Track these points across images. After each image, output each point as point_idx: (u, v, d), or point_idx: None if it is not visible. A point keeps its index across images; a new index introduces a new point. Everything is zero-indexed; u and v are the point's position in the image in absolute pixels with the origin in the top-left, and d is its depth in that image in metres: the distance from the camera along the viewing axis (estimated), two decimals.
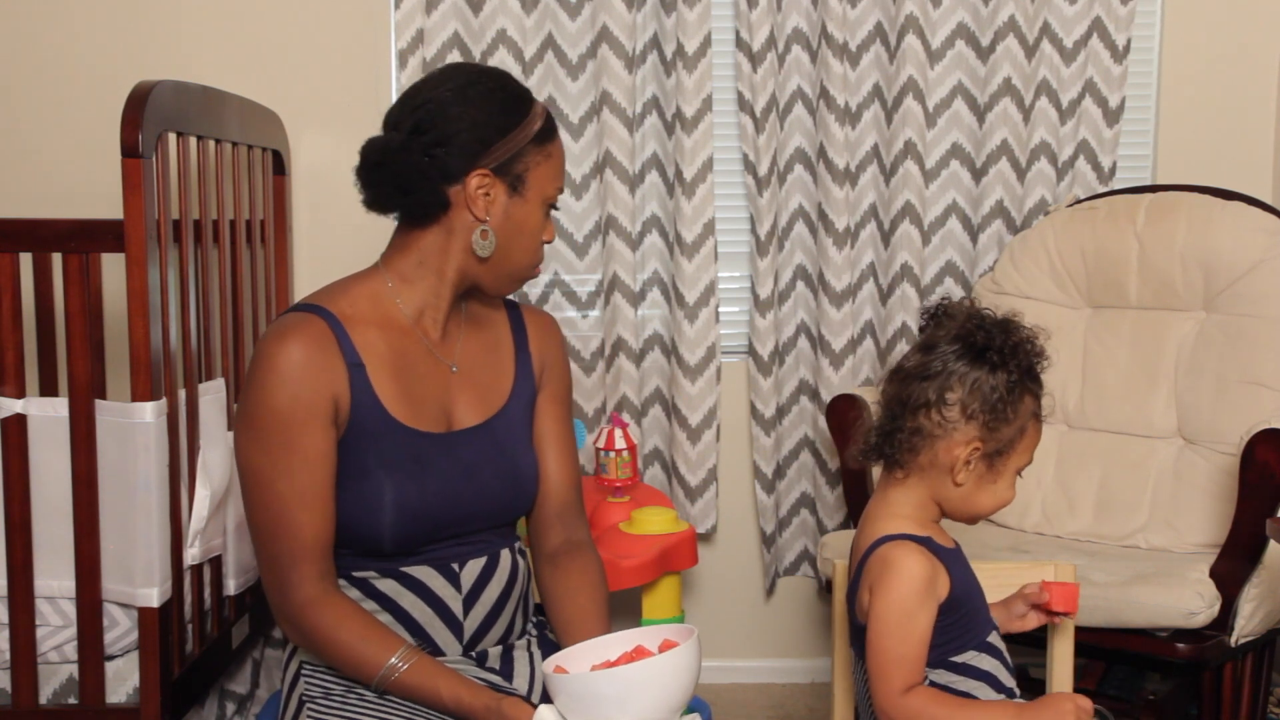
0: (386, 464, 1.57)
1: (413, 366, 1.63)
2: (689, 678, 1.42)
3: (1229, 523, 2.28)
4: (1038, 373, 1.55)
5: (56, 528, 2.02)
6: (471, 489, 1.63)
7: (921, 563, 1.50)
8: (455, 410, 1.66)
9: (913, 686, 1.49)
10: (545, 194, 1.65)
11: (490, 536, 1.67)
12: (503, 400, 1.71)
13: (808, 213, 3.03)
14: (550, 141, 1.66)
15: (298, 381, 1.53)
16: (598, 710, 1.39)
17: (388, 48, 2.97)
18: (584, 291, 3.04)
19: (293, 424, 1.53)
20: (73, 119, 2.93)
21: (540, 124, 1.64)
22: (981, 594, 1.60)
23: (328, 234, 2.92)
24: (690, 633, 1.45)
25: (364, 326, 1.61)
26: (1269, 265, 2.55)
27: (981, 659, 1.55)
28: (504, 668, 1.65)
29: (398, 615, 1.60)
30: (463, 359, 1.69)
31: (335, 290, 1.65)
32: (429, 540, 1.61)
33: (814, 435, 3.06)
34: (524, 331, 1.78)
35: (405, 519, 1.57)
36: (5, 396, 2.01)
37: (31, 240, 2.04)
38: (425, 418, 1.62)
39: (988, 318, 1.54)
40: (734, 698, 3.06)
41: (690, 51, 2.87)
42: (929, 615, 1.50)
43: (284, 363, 1.54)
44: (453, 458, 1.62)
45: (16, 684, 2.02)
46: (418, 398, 1.62)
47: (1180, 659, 2.21)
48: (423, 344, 1.65)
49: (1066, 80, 2.96)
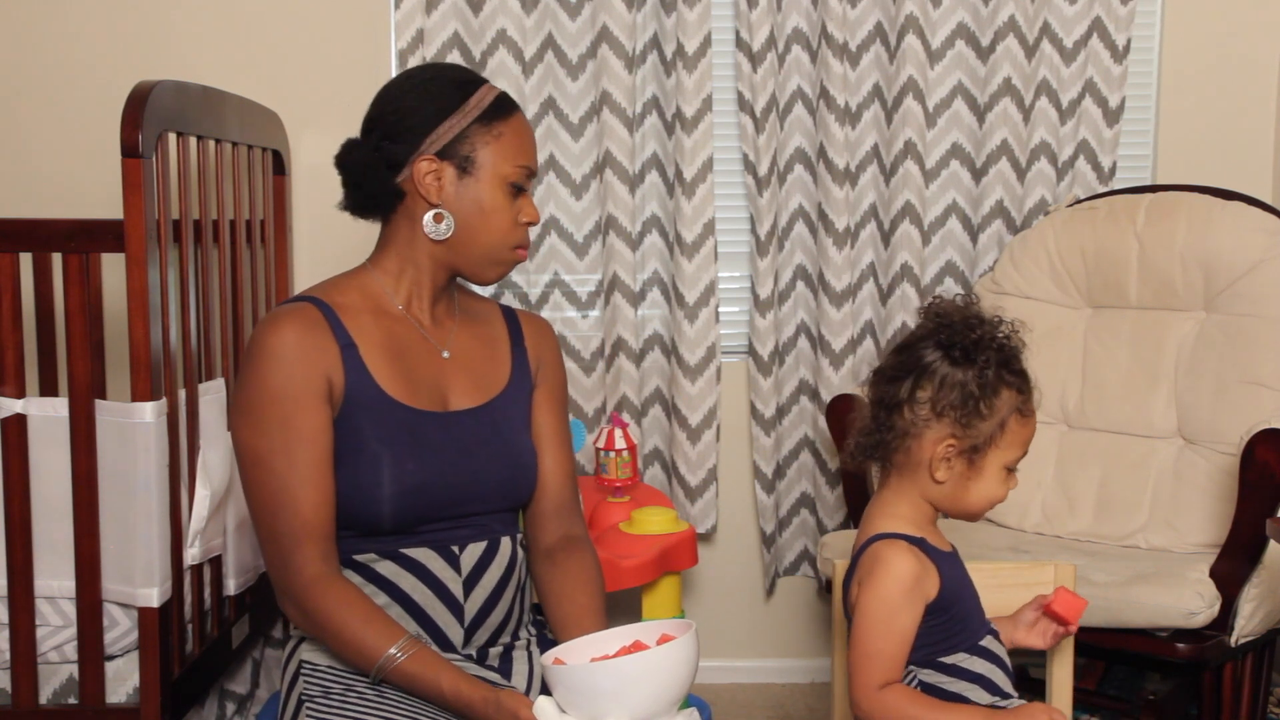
0: (383, 439, 1.60)
1: (406, 349, 1.67)
2: (686, 671, 1.43)
3: (1229, 523, 2.28)
4: (1018, 366, 1.54)
5: (56, 528, 2.02)
6: (470, 467, 1.65)
7: (909, 561, 1.51)
8: (451, 393, 1.69)
9: (891, 683, 1.50)
10: (501, 173, 1.66)
11: (490, 522, 1.68)
12: (499, 388, 1.74)
13: (808, 213, 3.03)
14: (499, 120, 1.66)
15: (291, 361, 1.57)
16: (595, 702, 1.39)
17: (388, 48, 2.97)
18: (584, 291, 3.04)
19: (288, 402, 1.56)
20: (73, 119, 2.94)
21: (487, 104, 1.66)
22: (975, 598, 1.60)
23: (328, 234, 2.92)
24: (688, 627, 1.46)
25: (355, 313, 1.65)
26: (1269, 265, 2.55)
27: (974, 661, 1.55)
28: (503, 666, 1.65)
29: (398, 598, 1.61)
30: (456, 347, 1.72)
31: (325, 284, 1.70)
32: (428, 518, 1.62)
33: (814, 435, 3.06)
34: (519, 330, 1.80)
35: (404, 493, 1.59)
36: (5, 396, 2.01)
37: (31, 240, 2.04)
38: (421, 396, 1.65)
39: (956, 314, 1.54)
40: (734, 698, 3.06)
41: (690, 51, 2.87)
42: (913, 614, 1.51)
43: (277, 344, 1.57)
44: (450, 436, 1.65)
45: (16, 684, 2.02)
46: (413, 378, 1.65)
47: (1180, 659, 2.21)
48: (415, 329, 1.69)
49: (1066, 80, 2.96)
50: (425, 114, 1.64)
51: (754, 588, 3.17)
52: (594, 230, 3.00)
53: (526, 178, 1.68)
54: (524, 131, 1.69)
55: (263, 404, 1.57)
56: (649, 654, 1.42)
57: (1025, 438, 1.55)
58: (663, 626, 1.51)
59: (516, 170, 1.67)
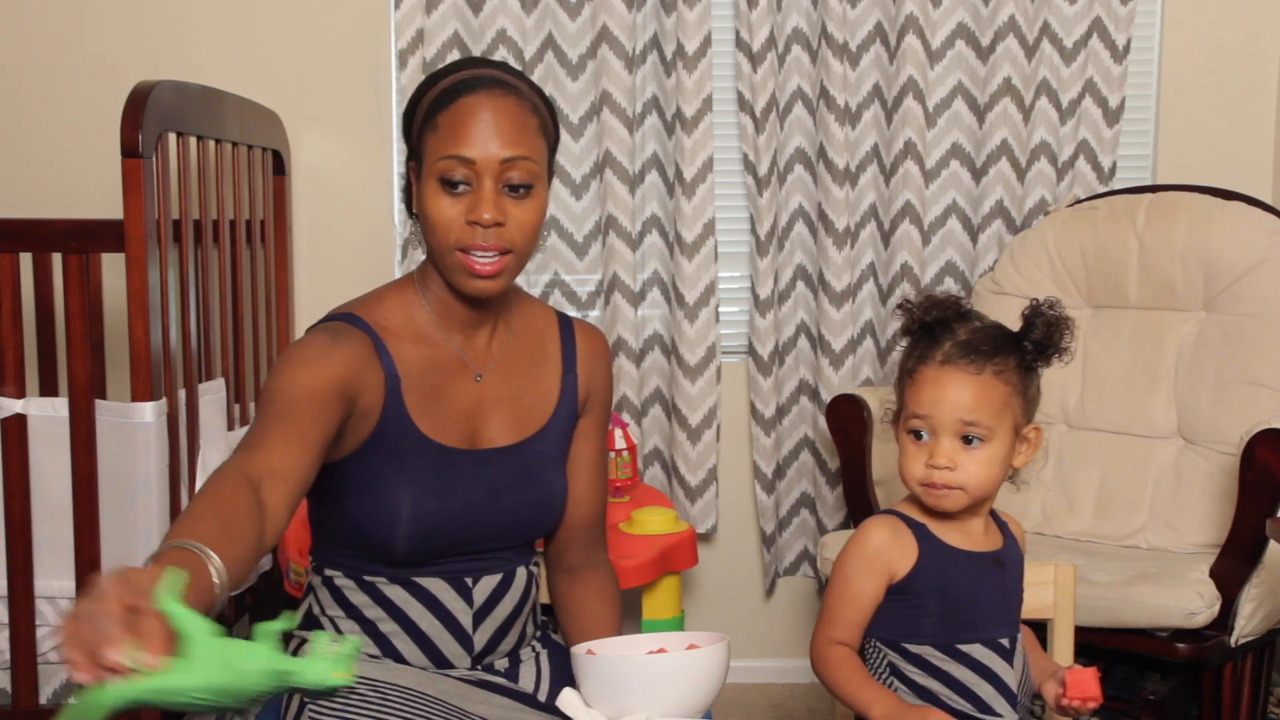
0: (407, 477, 1.51)
1: (442, 381, 1.56)
2: (716, 680, 1.44)
3: (1229, 523, 2.28)
4: (936, 331, 1.56)
5: (56, 528, 2.02)
6: (494, 509, 1.57)
7: (876, 532, 1.56)
8: (485, 428, 1.59)
9: (842, 644, 1.55)
10: (432, 168, 1.47)
11: (508, 554, 1.61)
12: (539, 424, 1.62)
13: (808, 213, 3.03)
14: (440, 110, 1.48)
15: (324, 366, 1.43)
16: (623, 698, 1.39)
17: (388, 48, 2.97)
18: (584, 291, 3.04)
19: (303, 394, 1.41)
20: (73, 119, 2.93)
21: (434, 95, 1.50)
22: (972, 602, 1.57)
23: (328, 234, 2.92)
24: (720, 639, 1.46)
25: (398, 339, 1.54)
26: (1269, 265, 2.55)
27: (949, 663, 1.55)
28: (510, 672, 1.63)
29: (404, 624, 1.56)
30: (498, 372, 1.61)
31: (370, 301, 1.57)
32: (444, 554, 1.56)
33: (814, 435, 3.07)
34: (573, 350, 1.67)
35: (421, 532, 1.52)
36: (5, 396, 2.02)
37: (31, 240, 2.04)
38: (450, 432, 1.55)
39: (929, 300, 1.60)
40: (734, 698, 3.06)
41: (690, 51, 2.87)
42: (869, 583, 1.55)
43: (313, 351, 1.44)
44: (478, 476, 1.56)
45: (16, 684, 2.02)
46: (445, 412, 1.56)
47: (1180, 659, 2.21)
48: (454, 355, 1.58)
49: (1066, 80, 2.96)
50: (406, 116, 1.55)
51: (754, 588, 3.17)
52: (594, 230, 3.00)
53: (461, 168, 1.45)
54: (468, 115, 1.46)
55: (277, 392, 1.41)
56: (683, 655, 1.43)
57: (920, 397, 1.54)
58: (690, 636, 1.51)
59: (445, 163, 1.45)
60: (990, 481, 1.55)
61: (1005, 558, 1.61)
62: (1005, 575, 1.60)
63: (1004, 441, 1.54)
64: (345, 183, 2.91)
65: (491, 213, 1.45)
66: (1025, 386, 1.56)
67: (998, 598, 1.59)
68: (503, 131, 1.46)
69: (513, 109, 1.48)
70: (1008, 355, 1.54)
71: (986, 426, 1.52)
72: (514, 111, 1.48)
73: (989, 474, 1.54)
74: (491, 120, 1.46)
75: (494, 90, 1.48)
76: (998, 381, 1.53)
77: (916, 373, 1.55)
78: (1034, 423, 1.58)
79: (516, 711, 1.57)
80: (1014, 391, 1.54)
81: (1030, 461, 1.60)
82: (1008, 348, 1.55)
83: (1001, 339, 1.56)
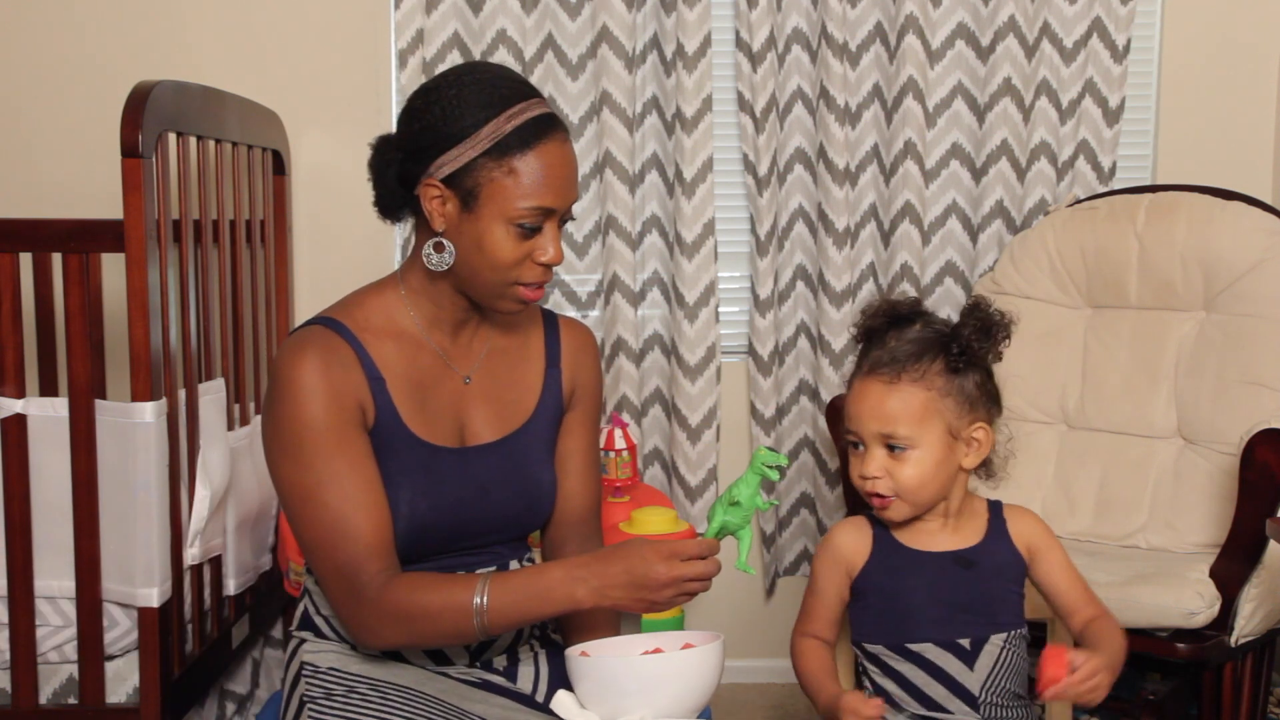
0: (399, 477, 1.54)
1: (427, 380, 1.59)
2: (711, 680, 1.44)
3: (1229, 523, 2.28)
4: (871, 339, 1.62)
5: (56, 528, 2.02)
6: (484, 505, 1.59)
7: (842, 532, 1.66)
8: (470, 425, 1.62)
9: (814, 636, 1.66)
10: (506, 214, 1.47)
11: (500, 549, 1.64)
12: (523, 418, 1.65)
13: (808, 213, 3.03)
14: (515, 153, 1.47)
15: (324, 391, 1.48)
16: (618, 699, 1.39)
17: (388, 48, 2.97)
18: (584, 291, 3.04)
19: (328, 433, 1.48)
20: (73, 119, 2.93)
21: (504, 133, 1.47)
22: (924, 603, 1.58)
23: (328, 234, 2.92)
24: (715, 637, 1.46)
25: (379, 340, 1.56)
26: (1269, 265, 2.55)
27: (900, 662, 1.59)
28: (509, 670, 1.64)
29: None
30: (481, 371, 1.63)
31: (350, 303, 1.59)
32: (438, 551, 1.58)
33: (814, 435, 3.06)
34: (557, 346, 1.69)
35: (414, 530, 1.54)
36: (5, 396, 2.02)
37: (31, 240, 2.04)
38: (439, 431, 1.58)
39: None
40: (734, 698, 3.06)
41: (690, 51, 2.87)
42: (832, 578, 1.65)
43: (307, 374, 1.48)
44: (466, 473, 1.58)
45: (16, 684, 2.02)
46: (432, 411, 1.58)
47: (1180, 659, 2.21)
48: (436, 356, 1.60)
49: (1066, 80, 2.96)
50: (439, 135, 1.48)
51: (754, 588, 3.17)
52: (594, 230, 3.00)
53: (541, 217, 1.49)
54: (548, 165, 1.48)
55: (301, 437, 1.48)
56: (677, 656, 1.43)
57: (849, 409, 1.60)
58: (685, 636, 1.52)
59: (527, 213, 1.47)
60: (924, 487, 1.56)
61: (976, 556, 1.60)
62: (974, 574, 1.59)
63: (932, 447, 1.55)
64: (345, 183, 2.90)
65: (561, 256, 1.52)
66: (955, 389, 1.56)
67: (958, 597, 1.58)
68: (572, 178, 1.53)
69: (572, 152, 1.54)
70: (931, 361, 1.55)
71: (905, 435, 1.55)
72: (573, 154, 1.54)
73: (921, 480, 1.56)
74: (566, 170, 1.51)
75: (561, 135, 1.52)
76: (915, 389, 1.55)
77: (850, 385, 1.61)
78: (980, 423, 1.58)
79: (515, 711, 1.57)
80: (939, 395, 1.55)
81: (991, 458, 1.61)
82: (931, 354, 1.56)
83: (925, 345, 1.57)
